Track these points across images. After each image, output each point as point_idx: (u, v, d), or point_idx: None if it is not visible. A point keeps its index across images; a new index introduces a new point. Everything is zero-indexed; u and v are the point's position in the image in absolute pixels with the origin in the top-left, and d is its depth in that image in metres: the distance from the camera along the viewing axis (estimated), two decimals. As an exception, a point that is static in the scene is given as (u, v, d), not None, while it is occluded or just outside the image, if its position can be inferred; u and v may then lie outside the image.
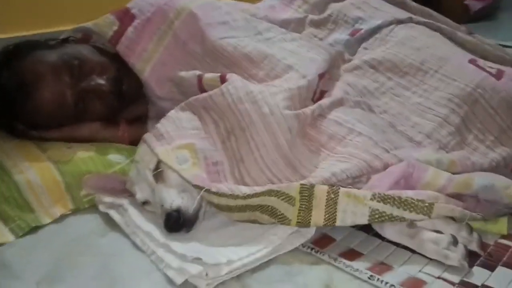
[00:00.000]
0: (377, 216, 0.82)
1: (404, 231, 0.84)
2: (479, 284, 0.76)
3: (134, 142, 1.13)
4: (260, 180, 0.95)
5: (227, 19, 1.17)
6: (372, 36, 1.29)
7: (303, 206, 0.85)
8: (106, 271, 0.82)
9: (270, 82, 1.06)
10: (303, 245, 0.86)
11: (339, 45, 1.28)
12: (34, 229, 0.94)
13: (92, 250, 0.88)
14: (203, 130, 0.99)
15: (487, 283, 0.76)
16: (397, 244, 0.85)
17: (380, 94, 1.15)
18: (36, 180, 0.97)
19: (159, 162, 0.93)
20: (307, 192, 0.85)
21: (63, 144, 1.06)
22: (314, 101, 1.08)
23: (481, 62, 1.18)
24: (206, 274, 0.76)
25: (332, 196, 0.84)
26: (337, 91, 1.10)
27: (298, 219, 0.85)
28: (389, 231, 0.85)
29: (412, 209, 0.82)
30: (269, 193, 0.85)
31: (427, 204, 0.82)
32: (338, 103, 1.05)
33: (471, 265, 0.79)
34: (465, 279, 0.77)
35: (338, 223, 0.83)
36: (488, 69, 1.16)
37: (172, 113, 1.03)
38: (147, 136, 0.97)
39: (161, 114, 1.16)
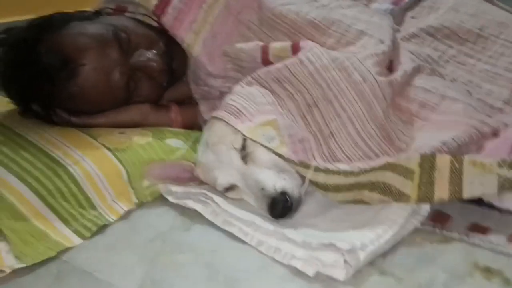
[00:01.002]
0: (507, 185, 0.74)
1: (532, 200, 0.77)
2: None
3: (187, 125, 1.01)
4: (354, 156, 0.85)
5: (281, -16, 1.05)
6: (418, 5, 1.21)
7: (424, 180, 0.75)
8: (215, 271, 0.69)
9: (343, 50, 0.96)
10: (422, 224, 0.77)
11: (384, 14, 1.20)
12: (98, 228, 0.79)
13: (184, 247, 0.74)
14: (278, 105, 0.88)
15: None
16: (519, 215, 0.79)
17: (444, 63, 1.07)
18: (94, 171, 0.82)
19: (245, 142, 0.81)
20: (428, 164, 0.75)
21: (114, 130, 0.91)
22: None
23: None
24: (345, 262, 0.66)
25: (457, 166, 0.75)
26: (406, 60, 1.02)
27: (419, 194, 0.75)
28: (509, 200, 0.78)
29: (543, 174, 0.75)
30: (385, 167, 0.76)
31: (556, 169, 0.75)
32: (418, 70, 0.97)
33: None
34: None
35: (465, 196, 0.74)
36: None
37: (238, 88, 0.91)
38: (221, 114, 0.85)
39: (206, 95, 1.05)
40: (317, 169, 0.76)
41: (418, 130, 0.89)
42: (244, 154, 0.80)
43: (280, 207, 0.74)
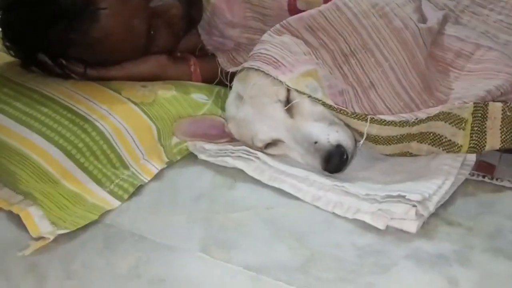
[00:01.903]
0: (555, 132, 0.74)
1: None
2: None
3: (206, 78, 0.94)
4: (396, 107, 0.81)
5: None
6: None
7: (476, 128, 0.74)
8: (278, 227, 0.65)
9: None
10: (470, 174, 0.76)
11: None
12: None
13: (237, 206, 0.69)
14: (313, 55, 0.83)
15: None
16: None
17: (460, 13, 1.05)
18: (124, 126, 0.75)
19: (289, 94, 0.76)
20: (481, 112, 0.74)
21: (134, 83, 0.83)
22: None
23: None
24: (417, 214, 0.63)
25: (509, 114, 0.74)
26: (427, 8, 0.99)
27: (470, 144, 0.74)
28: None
29: None
30: (438, 116, 0.73)
31: None
32: (446, 18, 0.94)
33: None
34: None
35: (516, 144, 0.74)
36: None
37: (268, 37, 0.84)
38: (258, 64, 0.79)
39: (220, 46, 0.99)
40: (372, 121, 0.72)
41: (454, 79, 0.87)
42: (289, 106, 0.76)
43: (337, 161, 0.70)
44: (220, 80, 0.94)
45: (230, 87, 0.87)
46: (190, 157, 0.81)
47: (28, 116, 0.73)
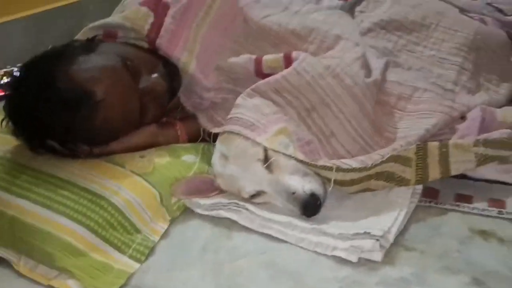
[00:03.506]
0: (482, 159, 0.92)
1: (498, 168, 0.96)
2: None
3: (191, 138, 1.08)
4: (353, 150, 0.99)
5: (256, -4, 1.15)
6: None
7: (420, 164, 0.91)
8: (276, 269, 0.80)
9: (324, 55, 1.08)
10: (420, 201, 0.93)
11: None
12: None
13: (238, 253, 0.84)
14: (281, 113, 0.99)
15: None
16: (489, 181, 0.97)
17: (398, 52, 1.23)
18: (133, 198, 0.89)
19: (266, 152, 0.91)
20: (422, 151, 0.91)
21: (133, 155, 0.97)
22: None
23: (467, 12, 1.34)
24: (380, 246, 0.80)
25: (444, 150, 0.91)
26: (371, 55, 1.16)
27: (417, 177, 0.91)
28: (484, 171, 0.96)
29: (506, 147, 0.93)
30: (389, 159, 0.90)
31: (515, 140, 0.94)
32: (387, 65, 1.12)
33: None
34: None
35: (452, 173, 0.92)
36: (475, 17, 1.32)
37: (242, 101, 1.00)
38: (237, 128, 0.94)
39: (197, 106, 1.13)
40: (337, 170, 0.88)
41: (399, 120, 1.04)
42: (268, 163, 0.91)
43: (312, 207, 0.86)
44: (202, 138, 1.09)
45: (213, 145, 1.03)
46: (188, 212, 0.96)
47: (51, 200, 0.86)
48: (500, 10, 1.90)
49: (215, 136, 1.03)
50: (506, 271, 0.76)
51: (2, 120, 0.97)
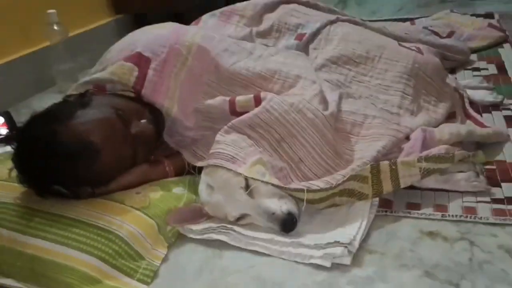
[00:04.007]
0: (425, 173, 1.11)
1: (439, 179, 1.15)
2: (502, 197, 1.11)
3: (178, 173, 1.23)
4: (319, 173, 1.16)
5: (225, 46, 1.32)
6: (316, 38, 1.54)
7: (374, 181, 1.09)
8: (262, 280, 0.96)
9: (287, 93, 1.26)
10: (377, 211, 1.11)
11: (291, 49, 1.52)
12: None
13: (229, 270, 0.99)
14: (256, 145, 1.15)
15: (506, 195, 1.12)
16: (433, 190, 1.16)
17: (349, 83, 1.42)
18: (136, 230, 1.03)
19: (247, 181, 1.07)
20: (376, 170, 1.09)
21: (131, 191, 1.11)
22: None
23: (404, 43, 1.55)
24: (348, 251, 0.97)
25: (393, 167, 1.10)
26: (326, 89, 1.35)
27: (373, 192, 1.09)
28: (428, 182, 1.15)
29: (444, 161, 1.13)
30: (349, 178, 1.08)
31: (451, 155, 1.14)
32: (341, 97, 1.30)
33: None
34: (492, 197, 1.11)
35: (402, 186, 1.10)
36: (412, 48, 1.53)
37: (221, 138, 1.16)
38: (220, 162, 1.09)
39: (179, 143, 1.28)
40: (308, 191, 1.05)
41: (355, 143, 1.23)
42: (249, 190, 1.07)
43: (290, 224, 1.02)
44: (187, 171, 1.24)
45: (198, 176, 1.18)
46: (182, 238, 1.10)
47: (65, 238, 0.99)
48: (436, 33, 2.16)
49: (199, 169, 1.18)
50: (450, 263, 0.95)
51: (10, 170, 1.10)
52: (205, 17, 1.64)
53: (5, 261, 1.02)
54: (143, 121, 1.15)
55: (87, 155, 1.04)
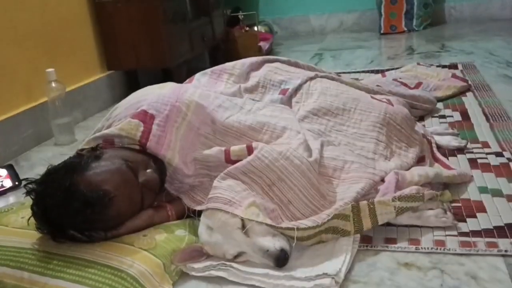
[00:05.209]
0: (399, 211, 1.26)
1: (412, 216, 1.30)
2: (467, 230, 1.26)
3: (179, 216, 1.36)
4: (307, 213, 1.30)
5: (219, 102, 1.48)
6: (298, 92, 1.73)
7: (355, 219, 1.24)
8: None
9: (275, 142, 1.41)
10: (359, 246, 1.25)
11: (276, 103, 1.69)
12: (159, 308, 1.12)
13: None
14: (249, 189, 1.30)
15: (471, 228, 1.27)
16: (407, 226, 1.31)
17: (329, 132, 1.59)
18: (145, 269, 1.14)
19: (243, 221, 1.20)
20: (356, 209, 1.24)
21: (138, 234, 1.23)
22: (303, 148, 1.47)
23: (376, 96, 1.74)
24: (335, 282, 1.10)
25: (372, 206, 1.25)
26: (309, 138, 1.51)
27: (355, 229, 1.24)
28: (402, 219, 1.30)
29: (415, 200, 1.28)
30: (333, 217, 1.22)
31: (421, 194, 1.29)
32: (323, 145, 1.46)
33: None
34: (459, 231, 1.27)
35: (380, 223, 1.25)
36: (383, 99, 1.71)
37: (218, 184, 1.29)
38: (218, 205, 1.23)
39: (179, 189, 1.42)
40: (298, 229, 1.19)
41: (336, 186, 1.38)
42: (245, 230, 1.20)
43: (283, 260, 1.15)
44: (187, 214, 1.37)
45: (197, 219, 1.31)
46: (185, 276, 1.22)
47: (82, 277, 1.10)
48: (405, 84, 2.37)
49: (199, 212, 1.32)
50: (423, 289, 1.09)
51: (29, 219, 1.21)
52: (197, 75, 1.82)
53: (27, 301, 1.12)
54: (148, 170, 1.29)
55: (102, 202, 1.16)
